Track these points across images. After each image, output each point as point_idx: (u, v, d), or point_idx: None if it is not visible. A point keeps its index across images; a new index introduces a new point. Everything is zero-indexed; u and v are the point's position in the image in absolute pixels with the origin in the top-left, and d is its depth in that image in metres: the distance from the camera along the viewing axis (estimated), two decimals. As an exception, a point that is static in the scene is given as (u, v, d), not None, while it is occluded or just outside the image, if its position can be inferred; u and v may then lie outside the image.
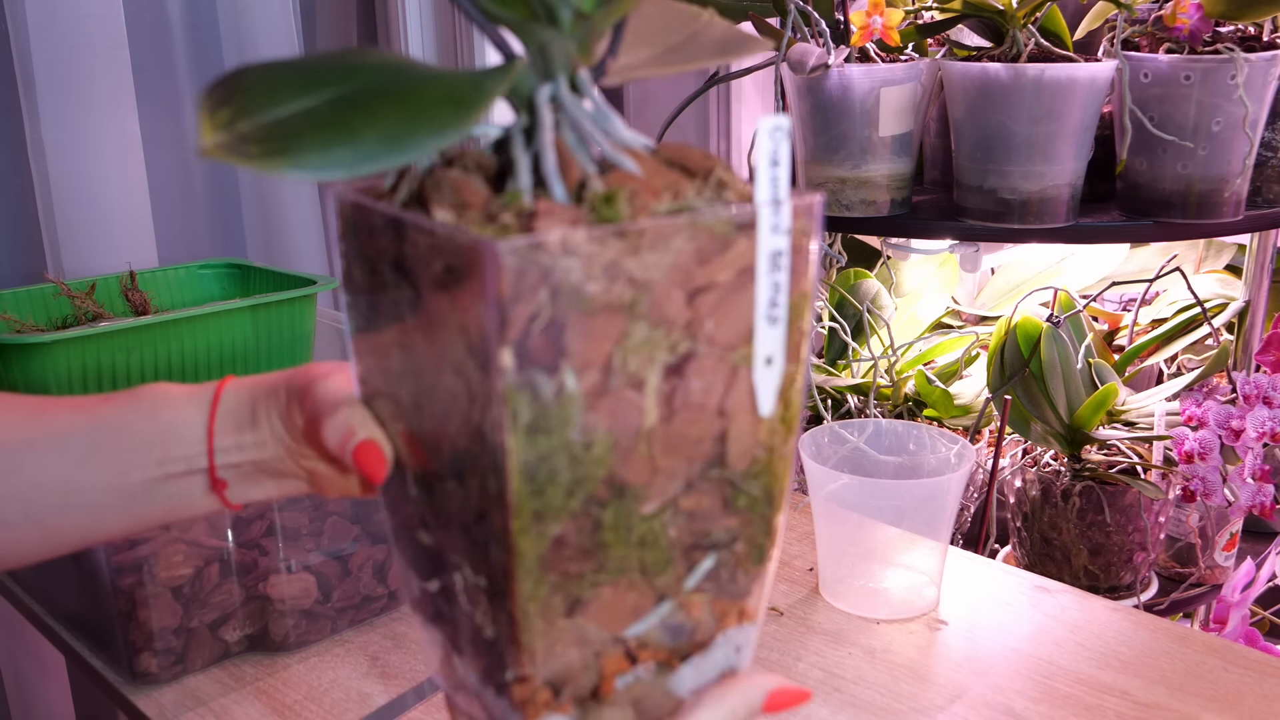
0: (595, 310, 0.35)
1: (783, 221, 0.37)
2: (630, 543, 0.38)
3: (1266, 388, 0.90)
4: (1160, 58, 0.85)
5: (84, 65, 0.92)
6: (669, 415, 0.37)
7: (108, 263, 0.95)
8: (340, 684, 0.67)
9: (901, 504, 0.73)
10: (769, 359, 0.38)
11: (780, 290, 0.38)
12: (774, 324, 0.38)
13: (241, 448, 0.46)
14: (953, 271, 1.21)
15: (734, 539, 0.40)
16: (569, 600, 0.38)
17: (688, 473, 0.38)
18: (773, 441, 0.40)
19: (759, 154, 0.37)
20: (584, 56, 0.39)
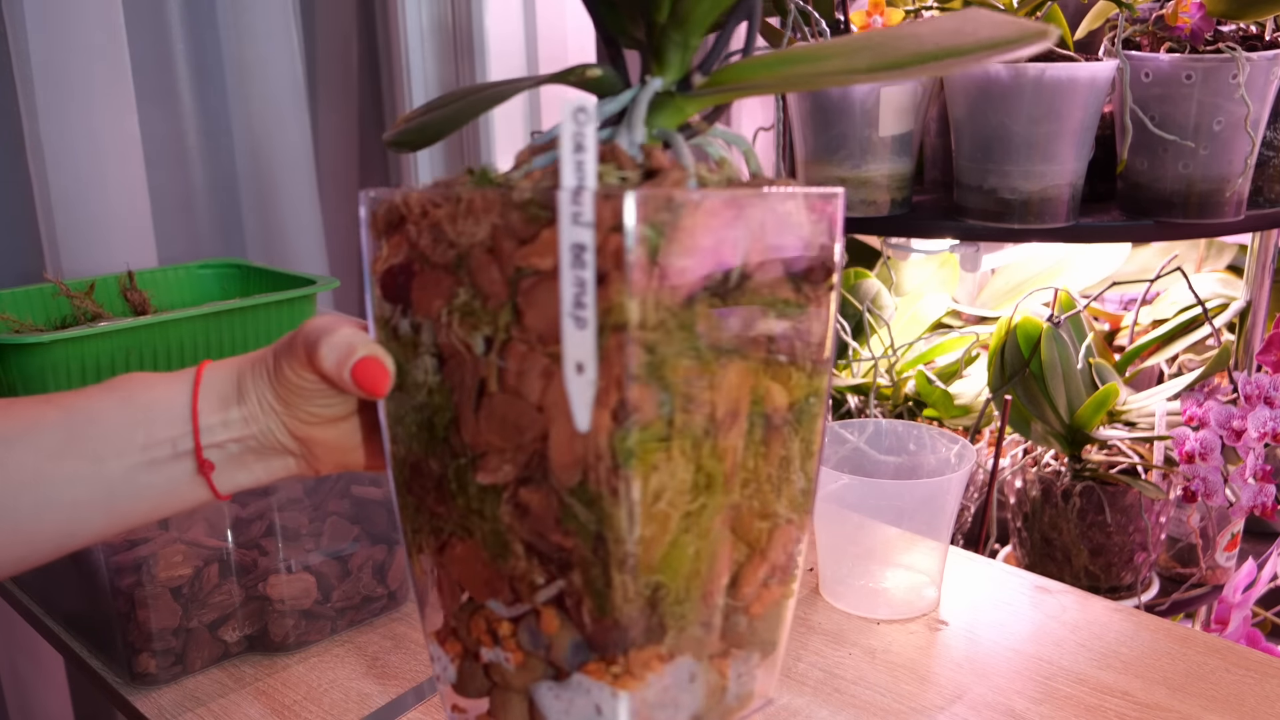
0: (429, 265, 0.38)
1: (584, 211, 0.33)
2: (471, 507, 0.39)
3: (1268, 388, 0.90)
4: (1161, 57, 0.85)
5: (83, 65, 0.92)
6: (493, 391, 0.37)
7: (107, 262, 0.95)
8: (340, 684, 0.67)
9: (902, 504, 0.73)
10: (579, 365, 0.34)
11: (585, 289, 0.33)
12: (580, 326, 0.34)
13: (228, 424, 0.44)
14: (953, 271, 1.20)
15: (571, 565, 0.37)
16: (436, 538, 0.41)
17: (516, 460, 0.37)
18: (600, 470, 0.35)
19: (561, 137, 0.34)
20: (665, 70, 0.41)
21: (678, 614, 0.38)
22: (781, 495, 0.41)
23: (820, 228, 0.40)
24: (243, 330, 0.81)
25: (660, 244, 0.34)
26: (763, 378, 0.39)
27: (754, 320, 0.38)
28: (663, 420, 0.36)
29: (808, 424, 0.41)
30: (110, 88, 0.94)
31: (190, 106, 1.06)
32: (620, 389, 0.34)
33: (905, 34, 0.38)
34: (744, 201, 0.37)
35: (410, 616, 0.75)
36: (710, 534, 0.38)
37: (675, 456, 0.36)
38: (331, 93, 1.16)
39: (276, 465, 0.46)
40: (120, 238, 0.97)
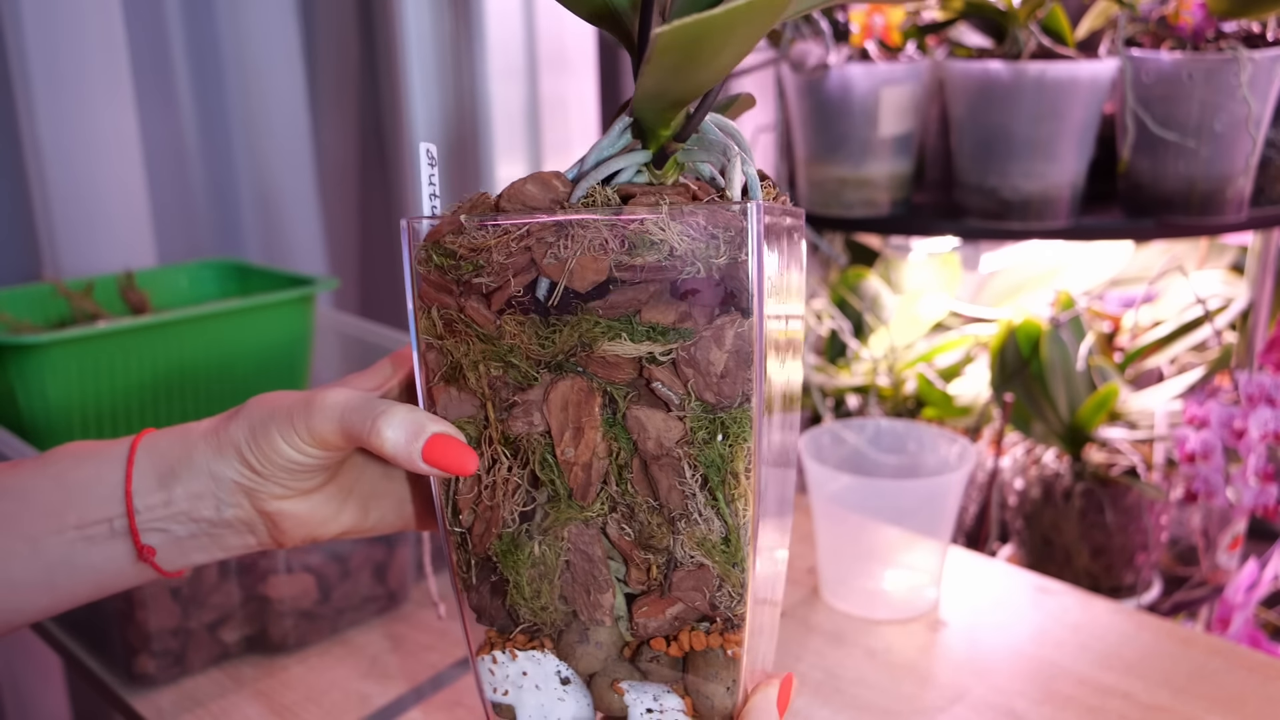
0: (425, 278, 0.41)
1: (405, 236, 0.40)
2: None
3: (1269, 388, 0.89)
4: (1163, 56, 0.85)
5: (82, 64, 0.92)
6: None
7: (106, 262, 0.95)
8: (339, 685, 0.67)
9: (902, 504, 0.72)
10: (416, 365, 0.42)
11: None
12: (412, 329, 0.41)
13: (169, 503, 0.41)
14: (953, 271, 1.20)
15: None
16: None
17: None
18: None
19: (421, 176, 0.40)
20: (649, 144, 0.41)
21: (530, 609, 0.41)
22: (679, 532, 0.38)
23: (713, 245, 0.36)
24: (242, 330, 0.81)
25: (446, 263, 0.39)
26: (624, 402, 0.38)
27: (595, 340, 0.37)
28: (473, 420, 0.40)
29: (715, 463, 0.38)
30: (110, 88, 0.94)
31: (190, 106, 1.06)
32: (426, 386, 0.41)
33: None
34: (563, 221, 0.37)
35: (410, 617, 0.75)
36: (561, 543, 0.40)
37: (499, 456, 0.40)
38: (331, 93, 1.16)
39: (234, 544, 0.43)
40: (119, 237, 0.96)
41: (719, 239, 0.36)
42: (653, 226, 0.36)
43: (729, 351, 0.37)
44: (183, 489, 0.41)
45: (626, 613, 0.40)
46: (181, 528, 0.41)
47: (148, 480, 0.41)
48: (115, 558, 0.41)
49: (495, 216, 0.38)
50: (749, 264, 0.36)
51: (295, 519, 0.43)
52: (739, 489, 0.38)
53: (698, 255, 0.36)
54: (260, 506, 0.42)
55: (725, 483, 0.38)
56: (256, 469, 0.41)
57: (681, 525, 0.38)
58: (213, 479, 0.41)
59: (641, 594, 0.40)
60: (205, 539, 0.42)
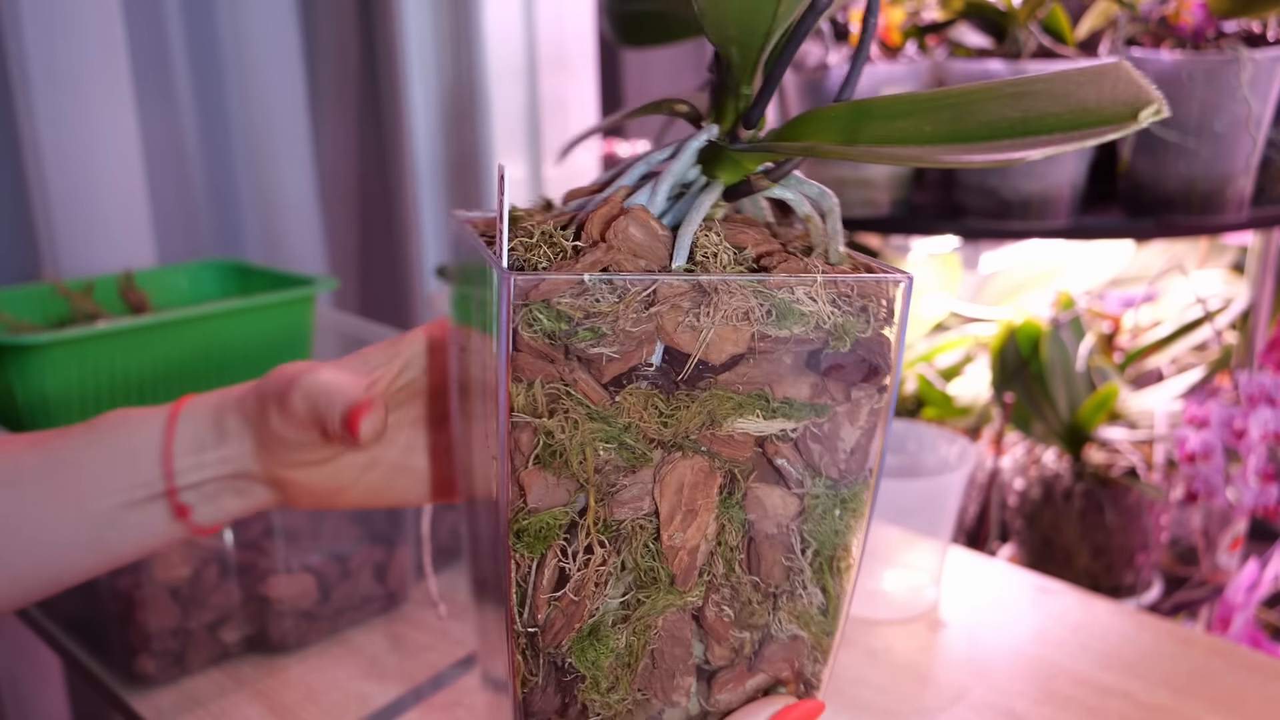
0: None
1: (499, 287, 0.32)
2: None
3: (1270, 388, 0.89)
4: (1163, 56, 0.85)
5: (82, 64, 0.92)
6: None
7: (105, 262, 0.95)
8: (339, 685, 0.67)
9: (902, 504, 0.72)
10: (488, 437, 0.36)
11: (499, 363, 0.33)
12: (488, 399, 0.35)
13: (202, 466, 0.44)
14: (953, 271, 1.20)
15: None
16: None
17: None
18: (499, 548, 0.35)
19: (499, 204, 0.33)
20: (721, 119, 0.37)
21: (602, 703, 0.37)
22: (780, 608, 0.37)
23: (862, 318, 0.34)
24: (242, 330, 0.81)
25: (560, 328, 0.32)
26: (743, 481, 0.35)
27: (724, 418, 0.34)
28: (572, 508, 0.34)
29: (829, 537, 0.36)
30: (109, 88, 0.94)
31: (190, 106, 1.06)
32: (513, 471, 0.33)
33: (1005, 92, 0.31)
34: (705, 285, 0.32)
35: (410, 617, 0.75)
36: (650, 631, 0.36)
37: (592, 547, 0.34)
38: (331, 93, 1.16)
39: (256, 498, 0.46)
40: (119, 237, 0.96)
41: (869, 311, 0.34)
42: (803, 295, 0.33)
43: (861, 428, 0.35)
44: (214, 453, 0.44)
45: (697, 688, 0.38)
46: (214, 486, 0.44)
47: (186, 443, 0.44)
48: (153, 518, 0.44)
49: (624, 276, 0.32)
50: (893, 337, 0.34)
51: (304, 488, 0.45)
52: (848, 561, 0.37)
53: (845, 328, 0.34)
54: (274, 474, 0.44)
55: (836, 556, 0.36)
56: (263, 441, 0.43)
57: (783, 600, 0.37)
58: (239, 444, 0.44)
59: (723, 669, 0.38)
60: (230, 495, 0.45)
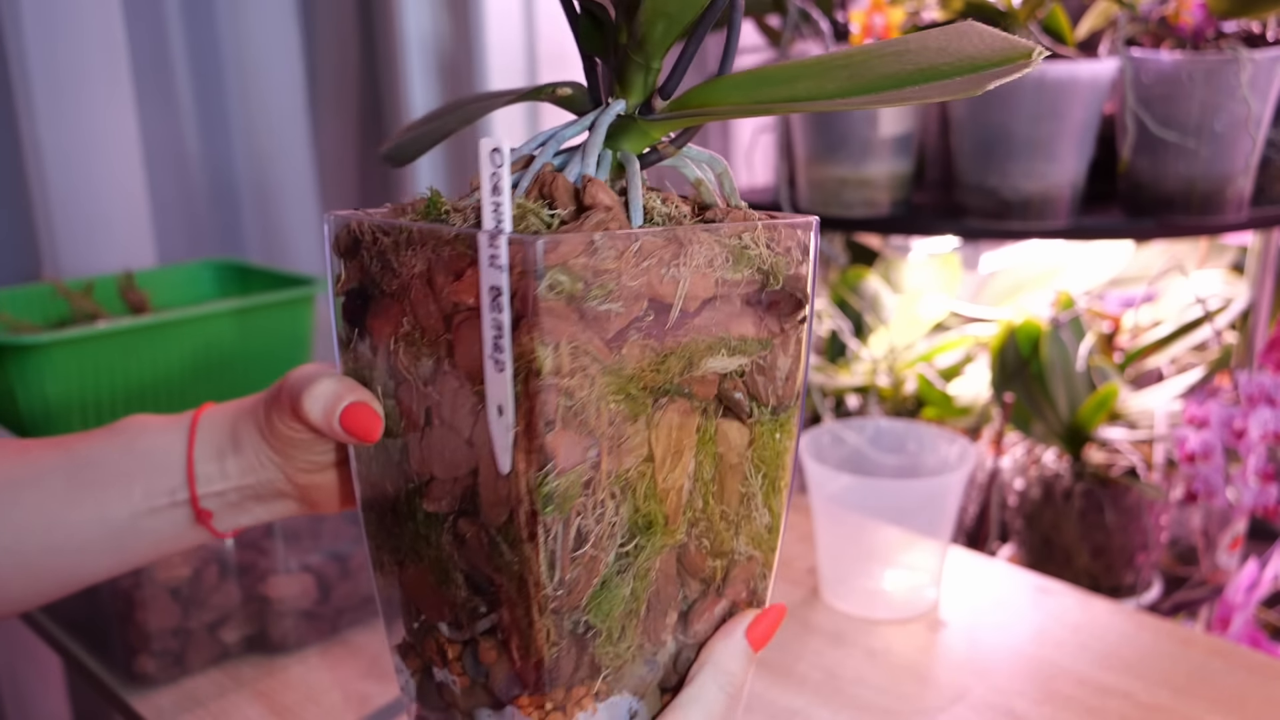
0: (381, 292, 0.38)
1: (500, 255, 0.32)
2: (419, 531, 0.39)
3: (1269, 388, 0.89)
4: (1163, 56, 0.85)
5: (82, 65, 0.92)
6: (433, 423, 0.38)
7: (105, 262, 0.95)
8: (339, 685, 0.67)
9: (902, 504, 0.72)
10: (499, 408, 0.34)
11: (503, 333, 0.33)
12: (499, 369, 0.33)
13: (225, 475, 0.44)
14: (953, 271, 1.20)
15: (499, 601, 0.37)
16: (393, 556, 0.42)
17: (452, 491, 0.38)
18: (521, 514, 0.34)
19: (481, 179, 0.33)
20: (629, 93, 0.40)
21: (613, 654, 0.37)
22: (740, 533, 0.40)
23: (789, 257, 0.38)
24: (242, 330, 0.81)
25: (577, 289, 0.33)
26: (713, 417, 0.38)
27: (699, 359, 0.36)
28: (587, 464, 0.34)
29: (772, 460, 0.39)
30: (110, 88, 0.94)
31: (190, 106, 1.06)
32: (536, 435, 0.33)
33: (888, 51, 0.36)
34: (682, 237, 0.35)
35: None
36: (649, 574, 0.37)
37: (604, 500, 0.35)
38: (331, 92, 1.16)
39: (278, 507, 0.46)
40: (119, 238, 0.96)
41: (793, 251, 0.38)
42: (750, 240, 0.37)
43: (792, 356, 0.39)
44: (234, 462, 0.44)
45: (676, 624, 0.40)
46: (236, 494, 0.45)
47: (207, 450, 0.44)
48: (175, 523, 0.44)
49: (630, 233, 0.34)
50: (809, 273, 0.39)
51: (324, 490, 0.45)
52: (785, 479, 0.40)
53: (778, 267, 0.37)
54: (294, 479, 0.45)
55: (779, 477, 0.40)
56: (275, 448, 0.44)
57: (743, 525, 0.39)
58: (255, 453, 0.44)
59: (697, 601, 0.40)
60: (253, 503, 0.45)
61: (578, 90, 0.41)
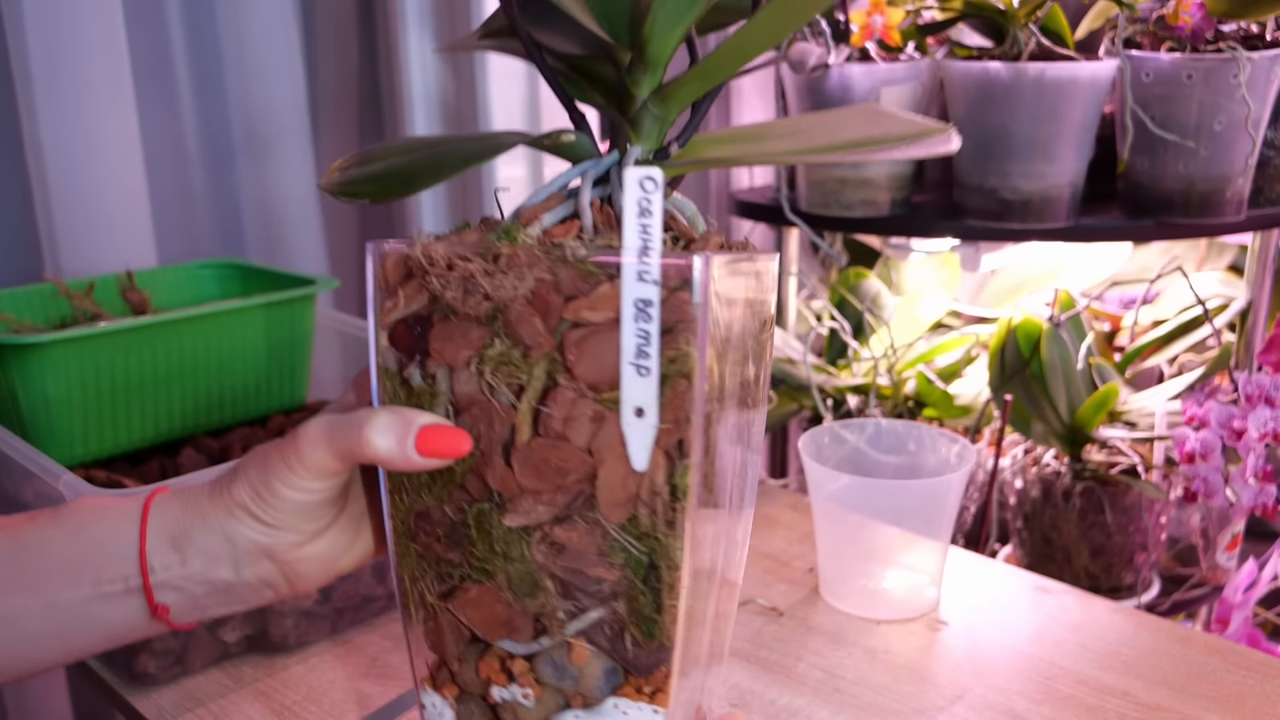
0: (455, 316, 0.39)
1: (650, 271, 0.36)
2: (494, 550, 0.40)
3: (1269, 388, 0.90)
4: (1162, 56, 0.85)
5: (83, 64, 0.92)
6: (531, 436, 0.38)
7: (106, 262, 0.95)
8: (340, 684, 0.67)
9: (902, 504, 0.72)
10: (639, 410, 0.37)
11: (649, 340, 0.37)
12: (642, 374, 0.37)
13: (186, 562, 0.41)
14: (953, 271, 1.20)
15: (614, 595, 0.39)
16: (443, 583, 0.41)
17: (554, 501, 0.39)
18: (656, 505, 0.38)
19: (626, 201, 0.37)
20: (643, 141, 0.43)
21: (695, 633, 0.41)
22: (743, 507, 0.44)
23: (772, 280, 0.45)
24: (242, 330, 0.81)
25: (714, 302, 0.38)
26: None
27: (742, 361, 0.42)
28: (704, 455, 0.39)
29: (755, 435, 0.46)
30: (110, 88, 0.94)
31: (190, 106, 1.06)
32: (681, 430, 0.37)
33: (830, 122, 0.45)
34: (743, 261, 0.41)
35: (410, 617, 0.75)
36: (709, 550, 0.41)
37: (704, 485, 0.40)
38: (331, 93, 1.16)
39: (250, 599, 0.43)
40: (120, 238, 0.96)
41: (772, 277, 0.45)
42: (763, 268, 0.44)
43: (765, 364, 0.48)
44: (197, 551, 0.41)
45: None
46: (198, 588, 0.41)
47: (161, 541, 0.41)
48: (130, 614, 0.41)
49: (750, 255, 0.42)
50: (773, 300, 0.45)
51: (315, 561, 0.43)
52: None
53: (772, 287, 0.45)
54: (281, 559, 0.42)
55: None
56: (269, 522, 0.41)
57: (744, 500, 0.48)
58: (229, 542, 0.41)
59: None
60: (221, 596, 0.42)
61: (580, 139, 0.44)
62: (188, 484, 0.43)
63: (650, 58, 0.41)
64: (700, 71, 0.40)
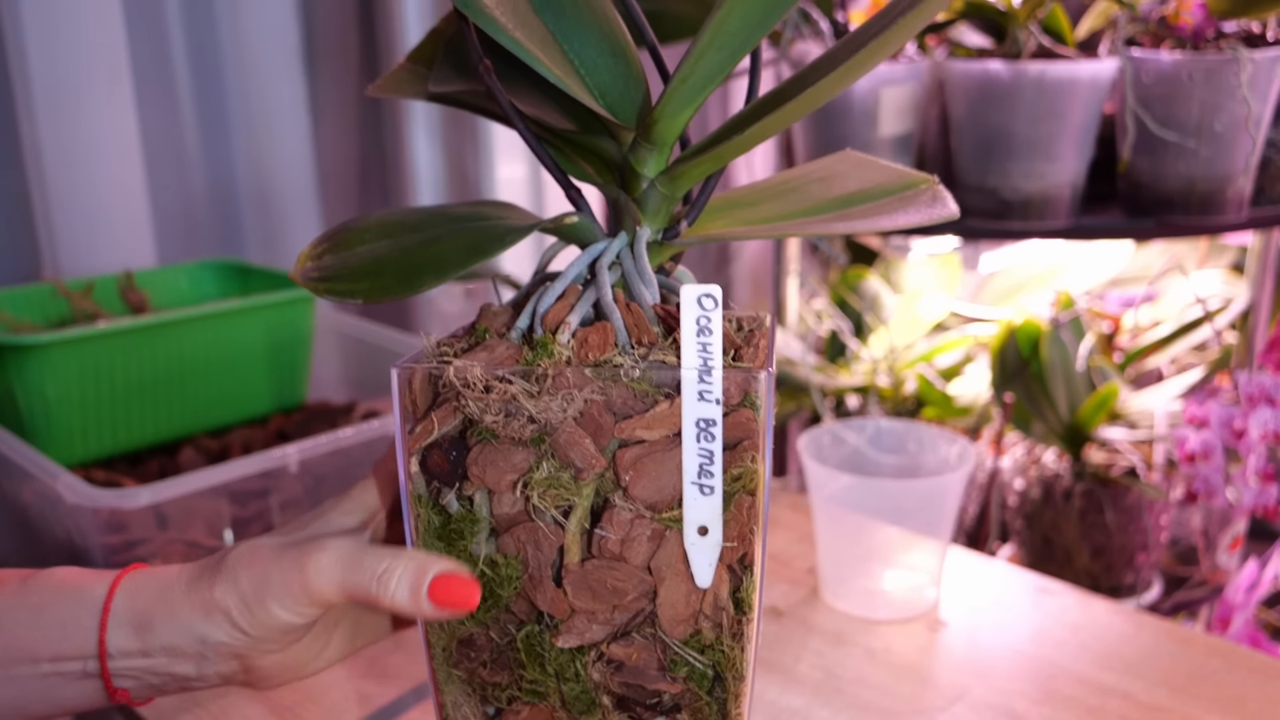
0: (495, 438, 0.37)
1: (713, 390, 0.35)
2: (546, 671, 0.39)
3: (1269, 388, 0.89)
4: (1163, 56, 0.85)
5: (82, 65, 0.92)
6: (585, 558, 0.38)
7: (105, 262, 0.95)
8: (340, 685, 0.67)
9: (902, 504, 0.72)
10: (703, 529, 0.37)
11: (713, 460, 0.36)
12: (706, 493, 0.36)
13: (148, 654, 0.40)
14: (953, 271, 1.20)
15: (677, 708, 0.39)
16: (488, 705, 0.41)
17: (611, 620, 0.38)
18: (720, 619, 0.38)
19: (684, 320, 0.36)
20: (650, 220, 0.42)
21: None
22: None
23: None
24: (242, 330, 0.81)
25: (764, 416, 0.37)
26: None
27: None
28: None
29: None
30: (109, 88, 0.94)
31: (190, 106, 1.06)
32: (745, 545, 0.37)
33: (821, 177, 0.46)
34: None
35: (409, 617, 0.75)
36: None
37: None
38: (331, 93, 1.16)
39: (205, 688, 0.42)
40: (119, 238, 0.96)
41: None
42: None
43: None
44: (161, 643, 0.40)
45: None
46: (156, 678, 0.41)
47: (124, 629, 0.40)
48: (88, 693, 0.41)
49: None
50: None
51: (283, 667, 0.42)
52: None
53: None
54: (250, 663, 0.41)
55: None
56: (251, 633, 0.40)
57: None
58: (200, 641, 0.40)
59: None
60: (179, 685, 0.41)
61: (584, 220, 0.42)
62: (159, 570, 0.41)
63: (658, 137, 0.40)
64: (714, 154, 0.39)
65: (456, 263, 0.39)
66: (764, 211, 0.44)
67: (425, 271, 0.39)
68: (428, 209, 0.45)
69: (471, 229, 0.42)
